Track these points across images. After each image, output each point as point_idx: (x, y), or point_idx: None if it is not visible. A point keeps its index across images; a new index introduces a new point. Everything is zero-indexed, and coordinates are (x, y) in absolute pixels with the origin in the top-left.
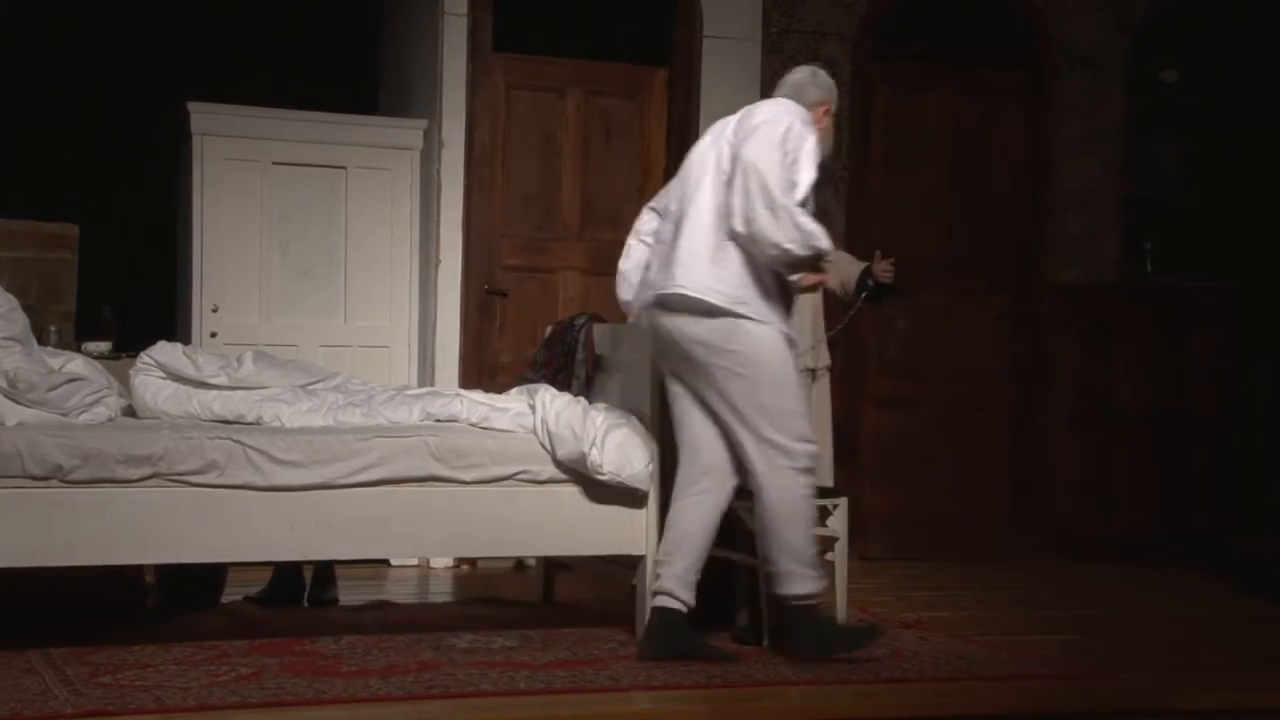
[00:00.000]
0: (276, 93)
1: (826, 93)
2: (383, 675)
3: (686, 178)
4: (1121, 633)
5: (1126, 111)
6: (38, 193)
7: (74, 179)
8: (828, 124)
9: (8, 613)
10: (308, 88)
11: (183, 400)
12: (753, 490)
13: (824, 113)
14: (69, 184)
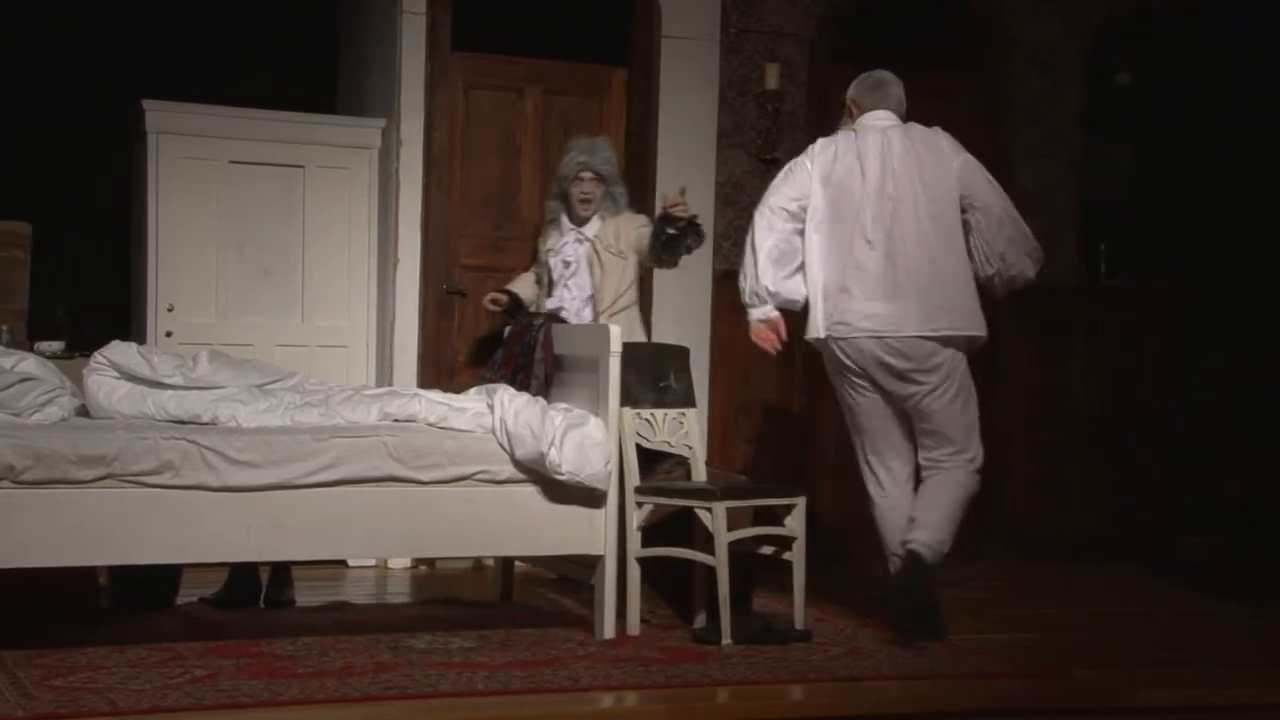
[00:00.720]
0: (234, 91)
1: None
2: (340, 676)
3: (861, 198)
4: (1075, 631)
5: (1082, 113)
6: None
7: (27, 177)
8: None
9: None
10: (265, 86)
11: (137, 400)
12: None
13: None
14: (21, 182)
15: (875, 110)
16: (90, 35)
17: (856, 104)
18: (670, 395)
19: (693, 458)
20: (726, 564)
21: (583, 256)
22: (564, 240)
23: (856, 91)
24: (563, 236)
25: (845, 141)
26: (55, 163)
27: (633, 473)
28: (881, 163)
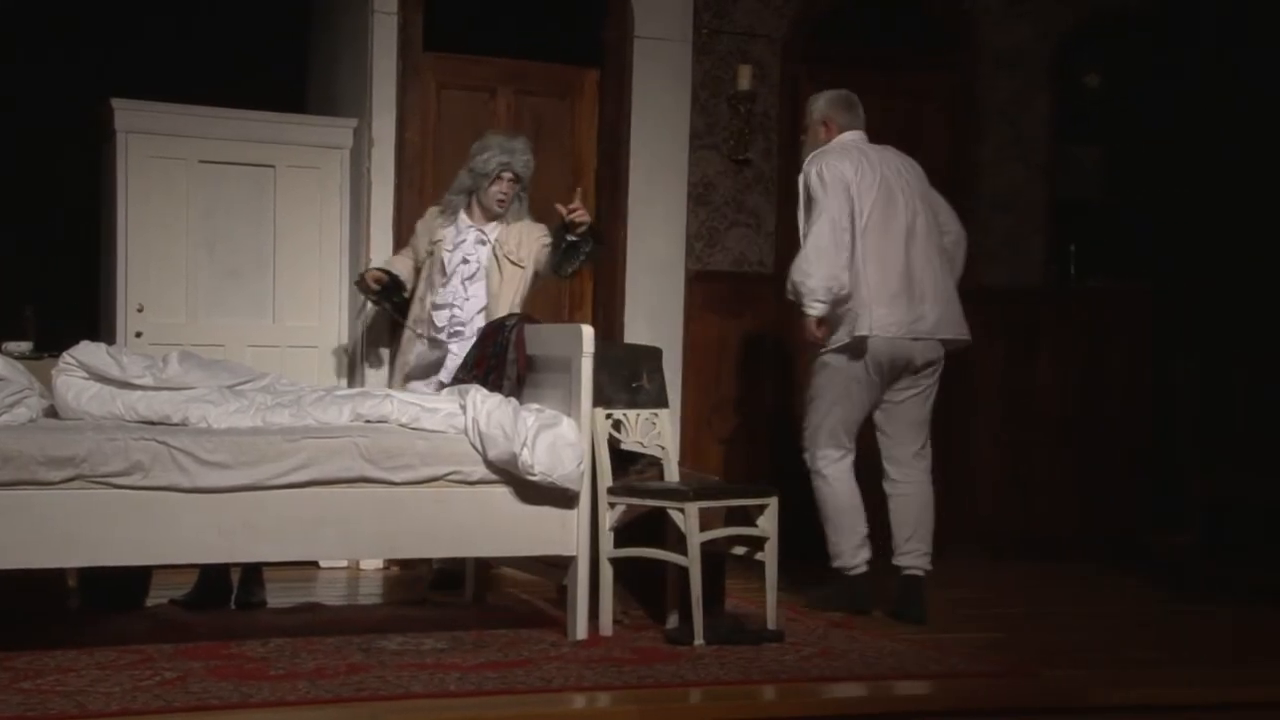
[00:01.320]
0: (204, 90)
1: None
2: (311, 678)
3: (889, 211)
4: (1043, 630)
5: (1051, 115)
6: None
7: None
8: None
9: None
10: (236, 85)
11: (106, 401)
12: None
13: None
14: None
15: (852, 130)
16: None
17: (832, 122)
18: (643, 396)
19: (665, 458)
20: (699, 564)
21: (484, 258)
22: (463, 237)
23: (831, 110)
24: (461, 233)
25: (855, 157)
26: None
27: (605, 473)
28: (897, 179)
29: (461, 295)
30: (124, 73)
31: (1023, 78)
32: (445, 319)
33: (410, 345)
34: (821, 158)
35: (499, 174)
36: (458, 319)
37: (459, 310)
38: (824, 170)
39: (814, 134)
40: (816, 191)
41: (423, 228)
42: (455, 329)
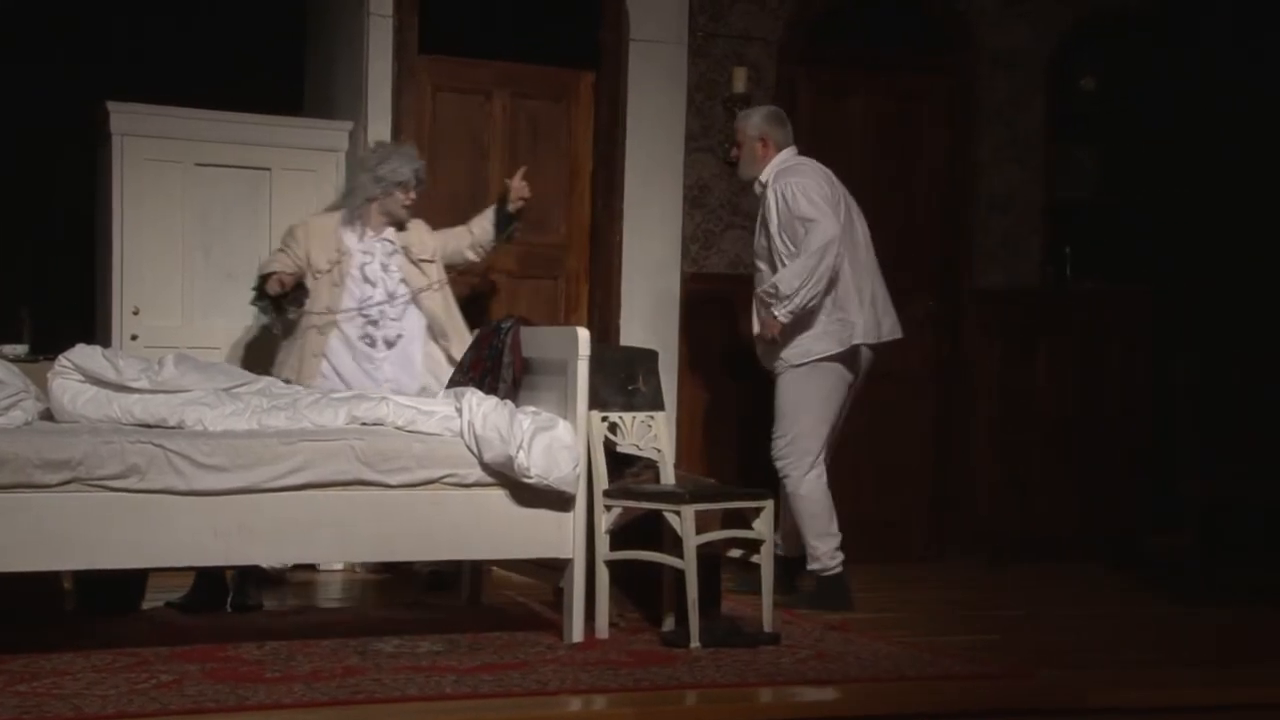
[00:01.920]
0: (199, 93)
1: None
2: (307, 681)
3: (850, 224)
4: (1040, 631)
5: (1048, 117)
6: None
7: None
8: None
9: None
10: (231, 88)
11: (103, 404)
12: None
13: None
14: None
15: (788, 146)
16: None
17: (769, 139)
18: (639, 398)
19: (661, 461)
20: (695, 567)
21: (399, 263)
22: (370, 246)
23: (767, 126)
24: (366, 243)
25: (821, 174)
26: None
27: (601, 476)
28: (845, 193)
29: (379, 295)
30: (120, 75)
31: (1020, 78)
32: (378, 333)
33: (321, 345)
34: (795, 177)
35: (410, 183)
36: (395, 329)
37: (392, 318)
38: (811, 191)
39: (751, 150)
40: (808, 211)
41: (319, 238)
42: (390, 340)
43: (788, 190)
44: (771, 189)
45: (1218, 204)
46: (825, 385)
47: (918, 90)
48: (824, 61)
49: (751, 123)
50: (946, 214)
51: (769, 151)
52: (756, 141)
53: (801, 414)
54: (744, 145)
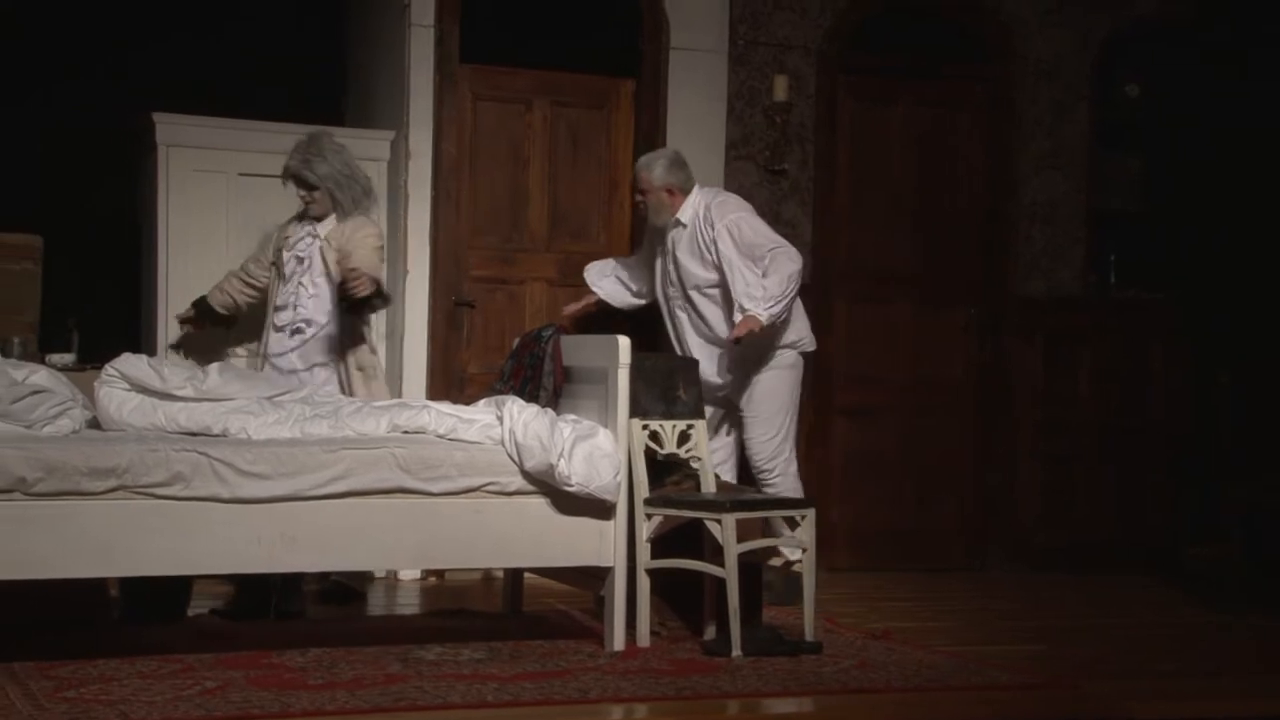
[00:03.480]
0: (243, 104)
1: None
2: (350, 688)
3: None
4: (1083, 642)
5: (1090, 125)
6: (1, 204)
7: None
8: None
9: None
10: (274, 99)
11: (148, 412)
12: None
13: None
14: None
15: (694, 187)
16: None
17: (676, 188)
18: (679, 406)
19: (702, 469)
20: (736, 575)
21: (315, 254)
22: (300, 236)
23: (672, 177)
24: (300, 233)
25: (745, 203)
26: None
27: (642, 484)
28: None
29: (304, 294)
30: (165, 86)
31: (1061, 87)
32: (285, 319)
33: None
34: (735, 212)
35: (286, 181)
36: (301, 315)
37: (303, 307)
38: (758, 223)
39: (658, 200)
40: (769, 240)
41: (277, 233)
42: (296, 327)
43: (738, 228)
44: (720, 227)
45: (1262, 213)
46: (798, 383)
47: (958, 98)
48: (864, 70)
49: (655, 174)
50: (987, 222)
51: (676, 198)
52: (663, 191)
53: (788, 410)
54: (649, 194)
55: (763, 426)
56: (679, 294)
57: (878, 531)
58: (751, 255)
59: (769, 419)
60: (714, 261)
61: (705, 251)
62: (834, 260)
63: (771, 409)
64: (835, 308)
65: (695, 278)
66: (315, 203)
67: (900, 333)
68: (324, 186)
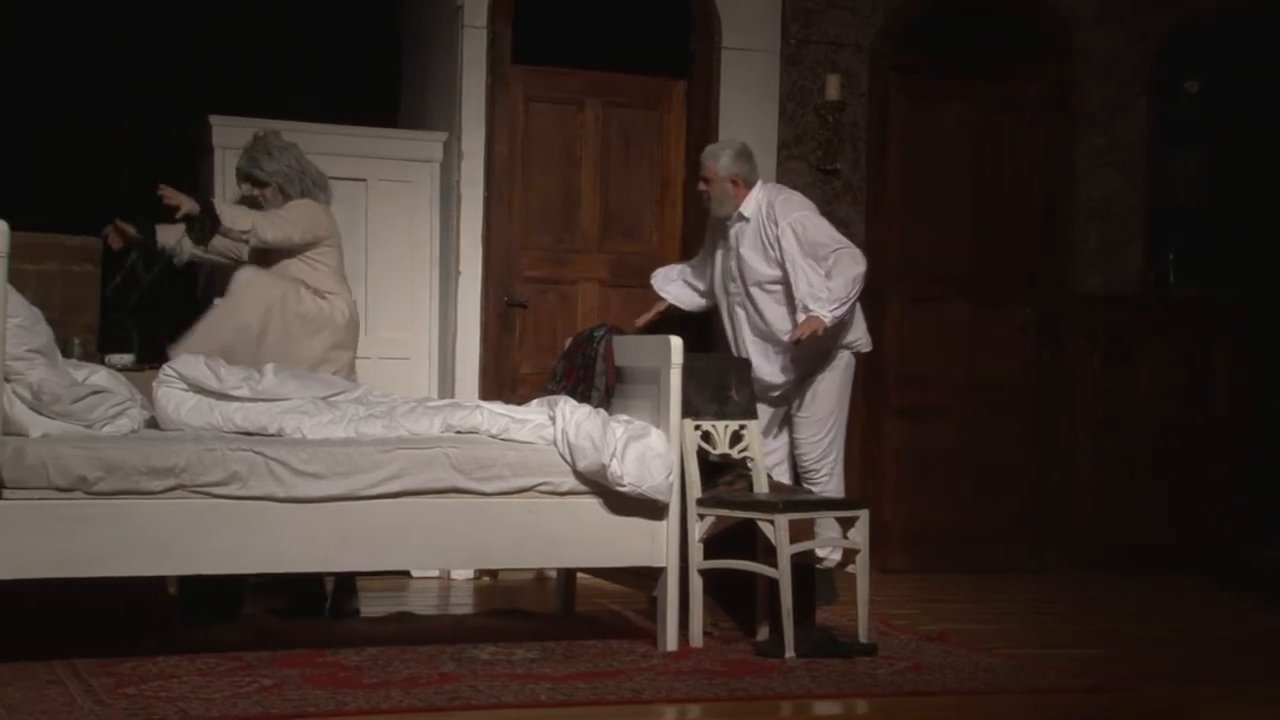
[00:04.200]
0: (297, 106)
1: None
2: (404, 687)
3: None
4: (1144, 645)
5: (1149, 122)
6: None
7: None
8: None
9: (33, 623)
10: (328, 101)
11: (205, 412)
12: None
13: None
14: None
15: (758, 181)
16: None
17: (741, 179)
18: (731, 407)
19: (754, 469)
20: (789, 576)
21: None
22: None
23: (738, 168)
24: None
25: (809, 202)
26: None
27: (694, 484)
28: None
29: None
30: (222, 88)
31: (1119, 83)
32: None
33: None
34: (799, 210)
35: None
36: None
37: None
38: (822, 222)
39: (722, 190)
40: (830, 235)
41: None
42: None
43: (802, 226)
44: (784, 224)
45: None
46: (850, 384)
47: (1014, 96)
48: (917, 68)
49: (721, 164)
50: (1044, 221)
51: (740, 191)
52: (727, 182)
53: (843, 411)
54: (714, 184)
55: (815, 427)
56: (740, 290)
57: (933, 532)
58: (815, 255)
59: (821, 420)
60: (777, 258)
61: (769, 248)
62: (887, 260)
63: (825, 410)
64: (888, 307)
65: (758, 274)
66: (268, 200)
67: (955, 332)
68: (273, 182)
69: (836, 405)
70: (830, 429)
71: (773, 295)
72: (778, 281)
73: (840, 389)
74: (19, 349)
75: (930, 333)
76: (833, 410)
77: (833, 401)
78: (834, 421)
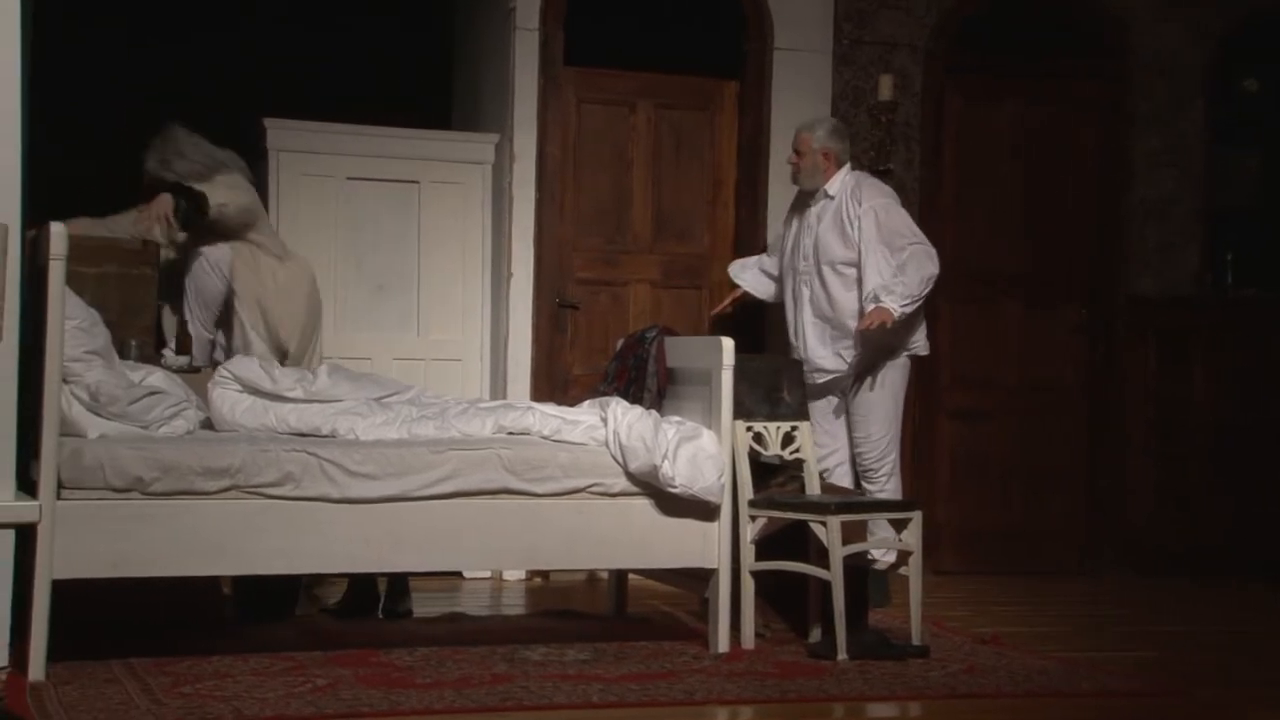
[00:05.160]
0: (351, 108)
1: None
2: (457, 687)
3: None
4: (1198, 648)
5: (1207, 121)
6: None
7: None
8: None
9: (91, 623)
10: (382, 103)
11: (259, 413)
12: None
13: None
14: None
15: (847, 163)
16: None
17: (833, 155)
18: (783, 408)
19: (806, 471)
20: (841, 578)
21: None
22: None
23: (833, 143)
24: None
25: (892, 192)
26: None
27: (746, 486)
28: None
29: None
30: (276, 91)
31: (1177, 83)
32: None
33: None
34: (882, 198)
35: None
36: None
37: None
38: (904, 214)
39: (813, 162)
40: (909, 227)
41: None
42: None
43: (885, 212)
44: (867, 206)
45: None
46: (906, 385)
47: (1069, 96)
48: (971, 67)
49: (817, 135)
50: (1099, 221)
51: (830, 167)
52: (820, 154)
53: (899, 411)
54: (805, 156)
55: (874, 425)
56: (810, 268)
57: (986, 534)
58: (890, 243)
59: (881, 419)
60: (855, 240)
61: (848, 226)
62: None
63: (885, 408)
64: (941, 309)
65: (832, 253)
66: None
67: (1009, 333)
68: (188, 184)
69: (895, 404)
70: (889, 428)
71: (843, 278)
72: (851, 264)
73: (898, 388)
74: (77, 351)
75: (983, 334)
76: (892, 409)
77: (891, 400)
78: (893, 420)
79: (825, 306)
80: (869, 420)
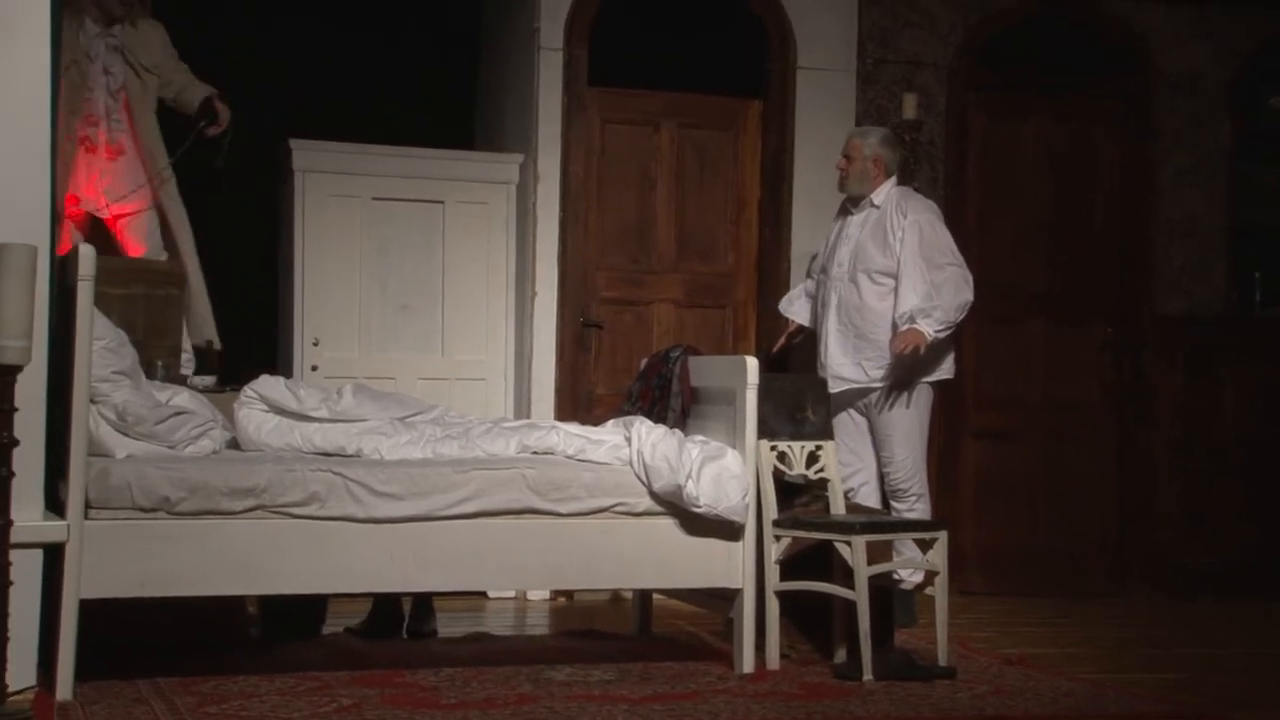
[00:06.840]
0: (376, 129)
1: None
2: (482, 708)
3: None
4: (1228, 670)
5: (1232, 139)
6: None
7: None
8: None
9: (118, 643)
10: (406, 124)
11: (285, 433)
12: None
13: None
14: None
15: (894, 175)
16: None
17: (883, 163)
18: (807, 427)
19: (831, 490)
20: (867, 598)
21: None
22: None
23: (884, 151)
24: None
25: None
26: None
27: (770, 505)
28: None
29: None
30: (302, 112)
31: (1201, 101)
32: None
33: None
34: (928, 214)
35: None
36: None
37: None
38: (948, 235)
39: (862, 169)
40: (950, 247)
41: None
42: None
43: (930, 228)
44: (911, 219)
45: None
46: (932, 408)
47: (1094, 114)
48: (996, 86)
49: (869, 142)
50: (1125, 239)
51: (879, 175)
52: (870, 161)
53: (925, 434)
54: (855, 161)
55: (899, 447)
56: (843, 274)
57: (1012, 555)
58: (930, 259)
59: (905, 441)
60: (896, 250)
61: (890, 236)
62: None
63: (910, 430)
64: (966, 327)
65: (871, 261)
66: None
67: (1034, 352)
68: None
69: (919, 427)
70: (914, 450)
71: (879, 287)
72: (888, 274)
73: (923, 411)
74: (104, 371)
75: (1008, 353)
76: (916, 432)
77: (915, 424)
78: (918, 443)
79: (853, 314)
80: (893, 441)
